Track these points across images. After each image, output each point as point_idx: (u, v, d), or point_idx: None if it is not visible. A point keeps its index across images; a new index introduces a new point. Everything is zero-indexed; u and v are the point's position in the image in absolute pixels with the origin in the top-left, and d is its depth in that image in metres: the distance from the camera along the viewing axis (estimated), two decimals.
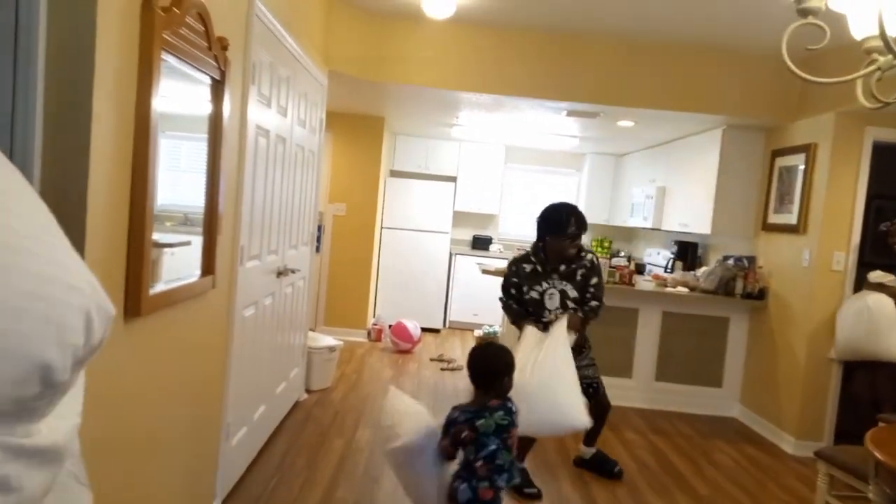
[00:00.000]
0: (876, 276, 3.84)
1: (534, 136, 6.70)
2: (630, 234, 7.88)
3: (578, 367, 3.09)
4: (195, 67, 1.96)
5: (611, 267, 4.88)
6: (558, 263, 3.20)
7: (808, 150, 4.31)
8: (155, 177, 1.72)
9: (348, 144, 6.14)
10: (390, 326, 6.03)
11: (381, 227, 6.80)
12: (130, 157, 1.64)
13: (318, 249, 5.82)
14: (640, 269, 6.53)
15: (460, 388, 4.87)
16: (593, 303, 3.24)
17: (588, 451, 3.55)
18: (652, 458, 3.84)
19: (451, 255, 7.02)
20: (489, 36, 4.44)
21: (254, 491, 2.91)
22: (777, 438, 4.32)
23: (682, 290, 4.87)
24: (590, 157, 7.63)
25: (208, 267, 2.22)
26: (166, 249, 1.96)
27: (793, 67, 1.48)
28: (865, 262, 4.22)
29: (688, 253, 5.90)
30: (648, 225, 6.14)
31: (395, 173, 7.32)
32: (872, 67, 1.44)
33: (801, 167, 4.38)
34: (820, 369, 4.13)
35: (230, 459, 2.74)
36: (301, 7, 3.40)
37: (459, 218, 7.62)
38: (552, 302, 3.17)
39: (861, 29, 1.52)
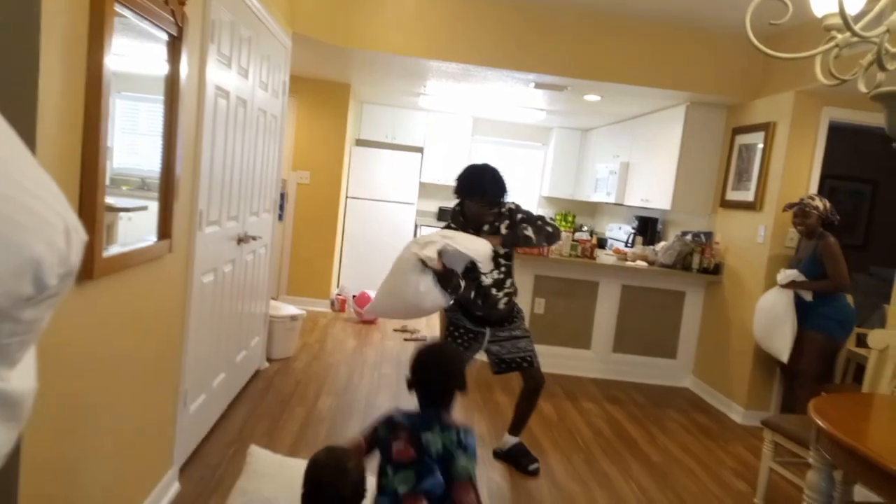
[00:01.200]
0: (785, 276, 3.86)
1: (501, 108, 6.67)
2: (593, 208, 7.98)
3: (511, 338, 3.16)
4: (151, 22, 1.87)
5: (573, 241, 4.94)
6: (480, 224, 3.04)
7: (766, 128, 4.41)
8: (106, 138, 1.65)
9: (313, 111, 6.02)
10: (354, 297, 6.01)
11: (347, 197, 6.73)
12: (81, 116, 1.57)
13: (280, 218, 5.72)
14: (601, 243, 6.65)
15: None
16: (538, 220, 3.05)
17: (509, 441, 3.30)
18: (607, 426, 3.96)
19: (416, 226, 7.00)
20: (459, 4, 4.37)
21: (212, 459, 2.89)
22: (727, 408, 4.49)
23: (641, 264, 4.97)
24: (556, 130, 7.66)
25: (164, 231, 2.17)
26: (122, 214, 1.90)
27: (756, 42, 1.50)
28: None
29: (648, 228, 6.02)
30: (611, 200, 6.22)
31: (360, 142, 7.22)
32: (831, 45, 1.46)
33: (760, 145, 4.48)
34: None
35: (188, 426, 2.71)
36: None
37: (425, 189, 7.59)
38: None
39: (822, 6, 1.54)
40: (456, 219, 3.12)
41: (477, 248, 2.74)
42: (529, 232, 3.01)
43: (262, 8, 3.18)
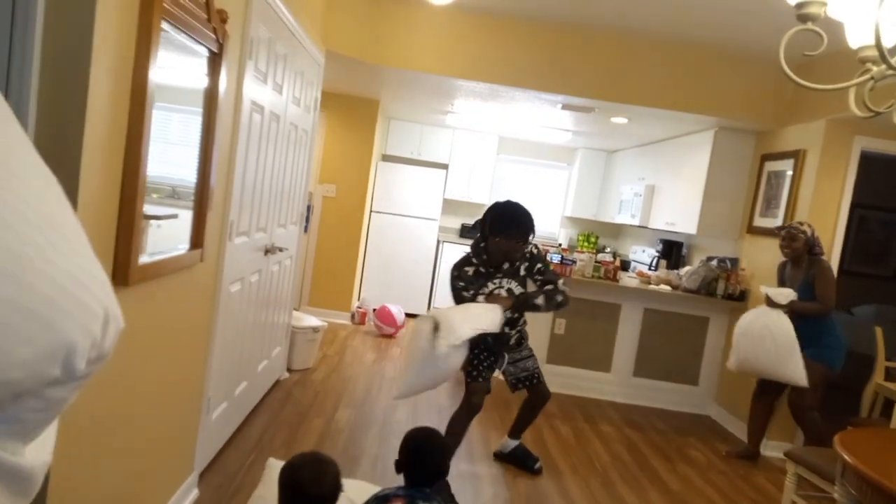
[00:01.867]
0: (786, 294, 3.70)
1: (527, 128, 6.70)
2: (617, 230, 7.94)
3: (520, 359, 3.30)
4: (194, 39, 1.94)
5: (596, 262, 4.92)
6: (502, 262, 3.12)
7: (796, 156, 4.37)
8: (148, 148, 1.71)
9: (342, 125, 6.11)
10: (374, 310, 6.04)
11: (371, 211, 6.79)
12: (125, 126, 1.63)
13: (306, 229, 5.80)
14: (625, 265, 6.60)
15: None
16: (549, 286, 3.13)
17: (510, 444, 3.47)
18: (626, 451, 3.91)
19: (438, 242, 7.04)
20: (489, 24, 4.42)
21: (231, 466, 2.92)
22: None
23: (664, 288, 4.93)
24: (581, 151, 7.66)
25: (197, 240, 2.22)
26: (152, 221, 1.95)
27: (789, 72, 1.50)
28: (845, 271, 4.29)
29: (672, 252, 5.97)
30: (636, 222, 6.19)
31: (387, 157, 7.30)
32: (866, 77, 1.46)
33: (789, 173, 4.43)
34: None
35: (209, 433, 2.75)
36: None
37: (449, 206, 7.62)
38: None
39: (857, 38, 1.54)
40: (479, 255, 3.14)
41: (489, 321, 2.89)
42: (540, 301, 3.11)
43: (298, 26, 3.26)
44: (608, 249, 7.54)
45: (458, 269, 3.13)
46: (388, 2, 4.33)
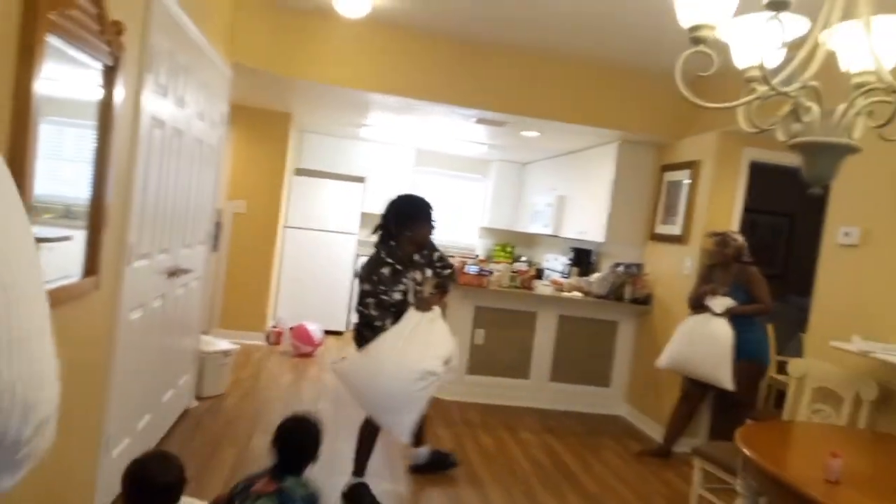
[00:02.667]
0: (721, 304, 3.91)
1: (444, 141, 6.77)
2: (531, 239, 8.14)
3: None
4: (85, 52, 1.81)
5: (512, 272, 5.03)
6: (412, 255, 3.11)
7: (692, 166, 4.66)
8: (34, 164, 1.58)
9: (252, 140, 5.92)
10: (291, 329, 5.86)
11: (285, 227, 6.61)
12: (6, 141, 1.49)
13: (215, 248, 5.55)
14: (539, 274, 6.77)
15: None
16: (447, 271, 3.29)
17: (423, 454, 3.45)
18: (545, 456, 3.99)
19: (357, 256, 6.94)
20: (403, 39, 4.43)
21: None
22: (659, 436, 4.61)
23: (577, 294, 5.10)
24: (496, 163, 7.82)
25: (91, 266, 2.06)
26: (43, 245, 1.80)
27: (685, 92, 1.59)
28: None
29: (583, 259, 6.19)
30: (548, 231, 6.38)
31: (301, 171, 7.12)
32: (753, 96, 1.57)
33: (686, 182, 4.72)
34: None
35: (110, 473, 2.55)
36: None
37: (368, 219, 7.53)
38: (412, 294, 3.10)
39: (743, 59, 1.66)
40: (392, 253, 3.06)
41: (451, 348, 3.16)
42: (449, 287, 3.33)
43: (203, 36, 3.13)
44: (523, 258, 7.71)
45: (372, 273, 2.99)
46: (300, 13, 4.25)
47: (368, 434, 3.12)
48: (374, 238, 3.16)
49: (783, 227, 7.91)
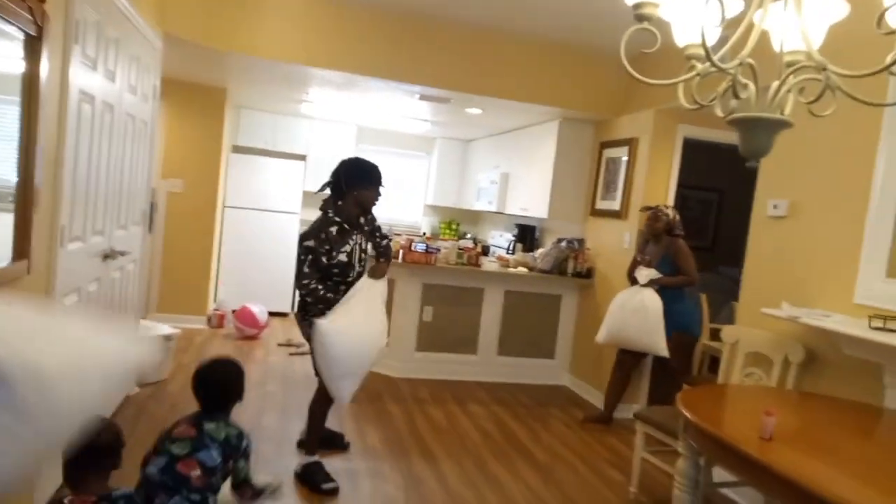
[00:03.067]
0: (645, 275, 4.09)
1: (386, 118, 6.69)
2: (476, 217, 8.21)
3: None
4: (4, 19, 1.69)
5: (459, 249, 5.06)
6: (357, 217, 3.11)
7: (630, 143, 4.79)
8: None
9: (186, 115, 5.68)
10: (234, 311, 5.73)
11: (224, 206, 6.41)
12: None
13: (150, 229, 5.33)
14: (485, 250, 6.85)
15: (311, 373, 4.77)
16: (385, 241, 3.28)
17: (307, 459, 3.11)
18: (495, 428, 4.08)
19: (300, 235, 6.81)
20: (344, 12, 4.33)
21: None
22: (600, 403, 4.79)
23: (522, 270, 5.20)
24: (440, 141, 7.80)
25: (21, 250, 1.95)
26: None
27: (630, 69, 1.63)
28: None
29: (527, 235, 6.30)
30: (493, 209, 6.44)
31: (238, 149, 6.91)
32: (693, 73, 1.63)
33: (625, 158, 4.85)
34: None
35: (47, 476, 2.45)
36: None
37: (310, 198, 7.40)
38: (356, 258, 3.09)
39: (684, 37, 1.71)
40: (339, 212, 3.05)
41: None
42: (388, 251, 3.30)
43: (130, 6, 2.97)
44: (469, 236, 7.78)
45: (321, 231, 2.96)
46: None
47: (319, 412, 3.12)
48: (322, 195, 3.13)
49: (713, 202, 8.29)
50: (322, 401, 3.09)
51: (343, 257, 3.02)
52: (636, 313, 4.06)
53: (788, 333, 3.01)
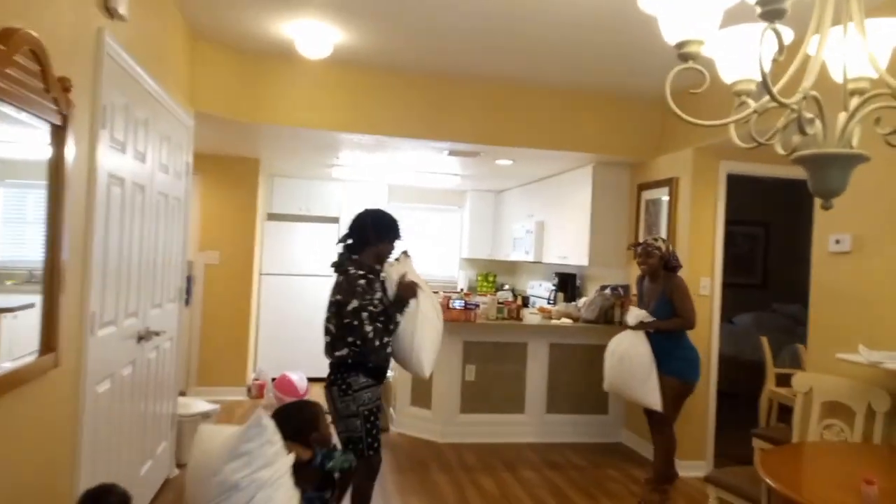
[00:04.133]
0: (634, 316, 3.72)
1: (416, 175, 6.69)
2: (513, 267, 8.05)
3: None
4: (29, 112, 1.66)
5: (499, 303, 4.90)
6: (374, 266, 3.02)
7: (670, 183, 4.62)
8: None
9: (220, 188, 5.76)
10: (273, 380, 5.63)
11: (260, 274, 6.41)
12: None
13: (187, 302, 5.33)
14: (525, 302, 6.66)
15: None
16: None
17: None
18: (550, 495, 3.81)
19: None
20: (368, 76, 4.36)
21: None
22: None
23: (566, 321, 4.99)
24: (471, 193, 7.76)
25: (49, 341, 1.88)
26: (5, 315, 1.64)
27: (679, 112, 1.50)
28: (727, 283, 4.55)
29: (568, 284, 6.10)
30: (530, 258, 6.29)
31: (273, 216, 6.97)
32: (749, 110, 1.49)
33: (665, 199, 4.67)
34: (698, 392, 4.33)
35: None
36: (160, 44, 3.12)
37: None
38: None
39: (732, 73, 1.58)
40: (362, 265, 2.92)
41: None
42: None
43: (160, 88, 3.00)
44: (507, 287, 7.61)
45: (354, 286, 2.83)
46: (259, 57, 4.16)
47: (364, 487, 2.93)
48: (337, 252, 3.01)
49: (759, 237, 7.96)
50: (367, 474, 2.91)
51: (373, 308, 2.88)
52: (622, 361, 3.69)
53: (869, 379, 2.73)
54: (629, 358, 3.63)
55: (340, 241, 3.04)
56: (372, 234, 2.97)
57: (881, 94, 1.40)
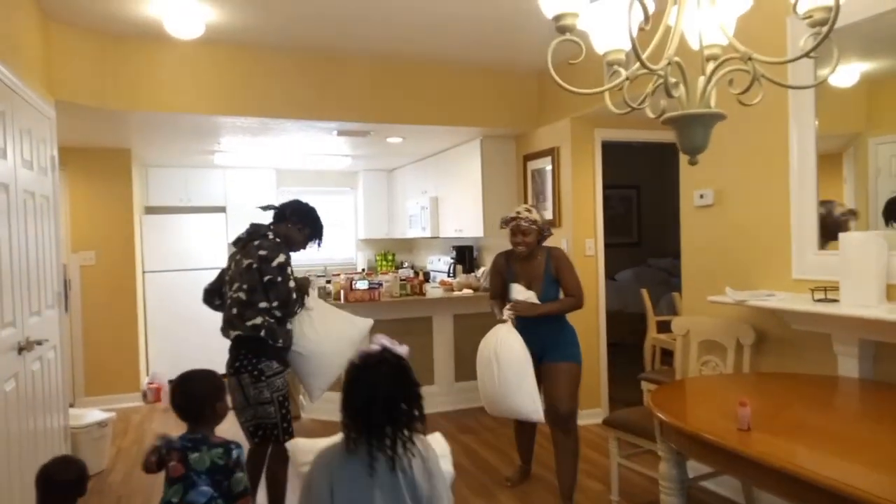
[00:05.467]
0: (520, 292, 3.15)
1: (305, 158, 6.53)
2: (411, 244, 8.13)
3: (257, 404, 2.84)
4: None
5: (401, 280, 4.96)
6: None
7: (552, 153, 4.86)
8: None
9: (90, 183, 5.33)
10: (170, 381, 5.35)
11: (143, 272, 6.03)
12: None
13: (66, 308, 4.93)
14: (426, 277, 6.76)
15: None
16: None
17: None
18: (467, 459, 3.97)
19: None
20: (248, 57, 4.19)
21: None
22: None
23: (467, 292, 5.15)
24: (363, 174, 7.71)
25: None
26: None
27: (560, 82, 1.61)
28: (607, 244, 4.88)
29: (466, 256, 6.27)
30: (427, 234, 6.39)
31: (151, 209, 6.56)
32: (622, 78, 1.62)
33: (549, 168, 4.92)
34: (590, 345, 4.64)
35: None
36: (10, 29, 2.83)
37: None
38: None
39: (604, 44, 1.70)
40: (278, 235, 2.97)
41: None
42: None
43: (15, 77, 2.73)
44: (406, 265, 7.68)
45: (280, 251, 2.85)
46: (124, 39, 3.87)
47: (282, 474, 2.91)
48: (260, 219, 3.03)
49: (632, 199, 8.58)
50: (283, 459, 2.89)
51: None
52: (490, 366, 3.00)
53: (736, 317, 3.08)
54: (498, 360, 2.97)
55: (266, 207, 3.10)
56: (289, 212, 3.01)
57: (732, 58, 1.58)
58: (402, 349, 1.74)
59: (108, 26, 3.69)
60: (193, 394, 2.02)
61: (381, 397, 1.61)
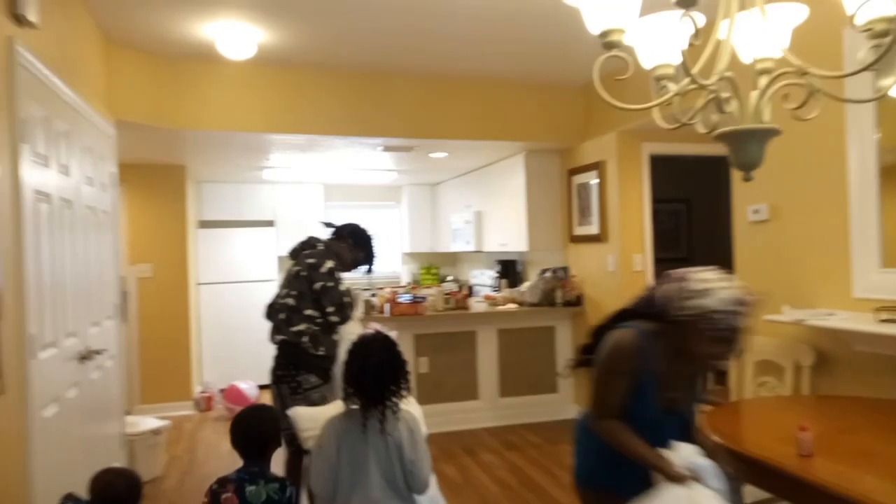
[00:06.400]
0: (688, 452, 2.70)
1: (351, 173, 6.65)
2: (454, 258, 8.14)
3: None
4: None
5: (445, 294, 4.97)
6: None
7: (598, 167, 4.80)
8: None
9: (147, 198, 5.55)
10: (222, 391, 5.50)
11: (197, 284, 6.23)
12: None
13: (124, 319, 5.13)
14: (470, 291, 6.76)
15: None
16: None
17: None
18: (511, 476, 3.92)
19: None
20: (297, 75, 4.31)
21: None
22: None
23: (511, 306, 5.12)
24: (407, 188, 7.78)
25: None
26: None
27: (608, 98, 1.59)
28: (657, 259, 4.78)
29: (510, 270, 6.24)
30: (471, 248, 6.39)
31: (205, 223, 6.77)
32: (671, 93, 1.59)
33: (595, 182, 4.86)
34: None
35: None
36: (74, 51, 2.99)
37: (284, 263, 7.25)
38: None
39: (651, 59, 1.68)
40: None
41: None
42: None
43: (78, 98, 2.88)
44: (450, 278, 7.70)
45: (330, 256, 3.00)
46: (179, 61, 4.04)
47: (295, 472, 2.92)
48: (318, 235, 3.15)
49: (681, 213, 8.38)
50: (295, 463, 2.88)
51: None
52: None
53: (795, 337, 2.96)
54: None
55: (327, 224, 3.24)
56: (347, 231, 3.14)
57: (786, 72, 1.53)
58: (392, 333, 2.09)
59: (164, 48, 3.85)
60: (252, 435, 2.04)
61: (373, 365, 1.91)
